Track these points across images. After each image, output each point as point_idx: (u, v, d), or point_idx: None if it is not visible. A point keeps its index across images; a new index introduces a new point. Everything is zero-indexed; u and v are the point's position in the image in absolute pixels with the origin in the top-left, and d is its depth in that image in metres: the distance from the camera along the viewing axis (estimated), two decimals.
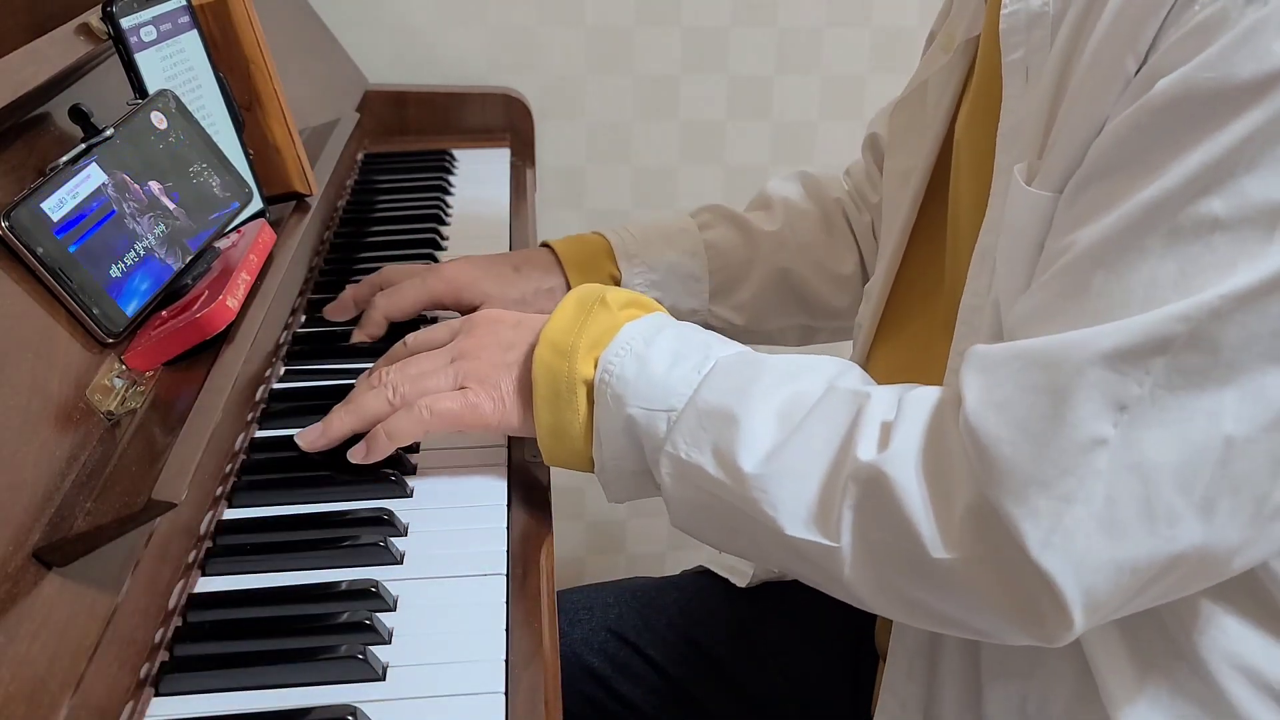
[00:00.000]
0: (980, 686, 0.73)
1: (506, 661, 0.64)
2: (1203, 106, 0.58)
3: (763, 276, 1.03)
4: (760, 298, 1.04)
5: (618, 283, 1.00)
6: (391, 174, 1.36)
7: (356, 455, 0.77)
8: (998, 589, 0.61)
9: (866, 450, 0.65)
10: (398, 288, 0.97)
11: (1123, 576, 0.59)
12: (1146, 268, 0.59)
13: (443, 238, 1.19)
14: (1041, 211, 0.66)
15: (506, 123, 1.51)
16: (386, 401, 0.76)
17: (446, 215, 1.26)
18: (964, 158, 0.79)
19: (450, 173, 1.38)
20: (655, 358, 0.73)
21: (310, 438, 0.78)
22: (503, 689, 0.62)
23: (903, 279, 0.89)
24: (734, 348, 0.75)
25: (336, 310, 0.99)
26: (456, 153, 1.43)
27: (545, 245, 1.03)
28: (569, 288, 0.98)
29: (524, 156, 1.46)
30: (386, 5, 1.53)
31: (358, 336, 0.96)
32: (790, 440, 0.68)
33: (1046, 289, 0.63)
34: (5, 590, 0.54)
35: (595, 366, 0.74)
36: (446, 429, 0.77)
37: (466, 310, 0.96)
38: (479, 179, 1.37)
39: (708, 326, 1.02)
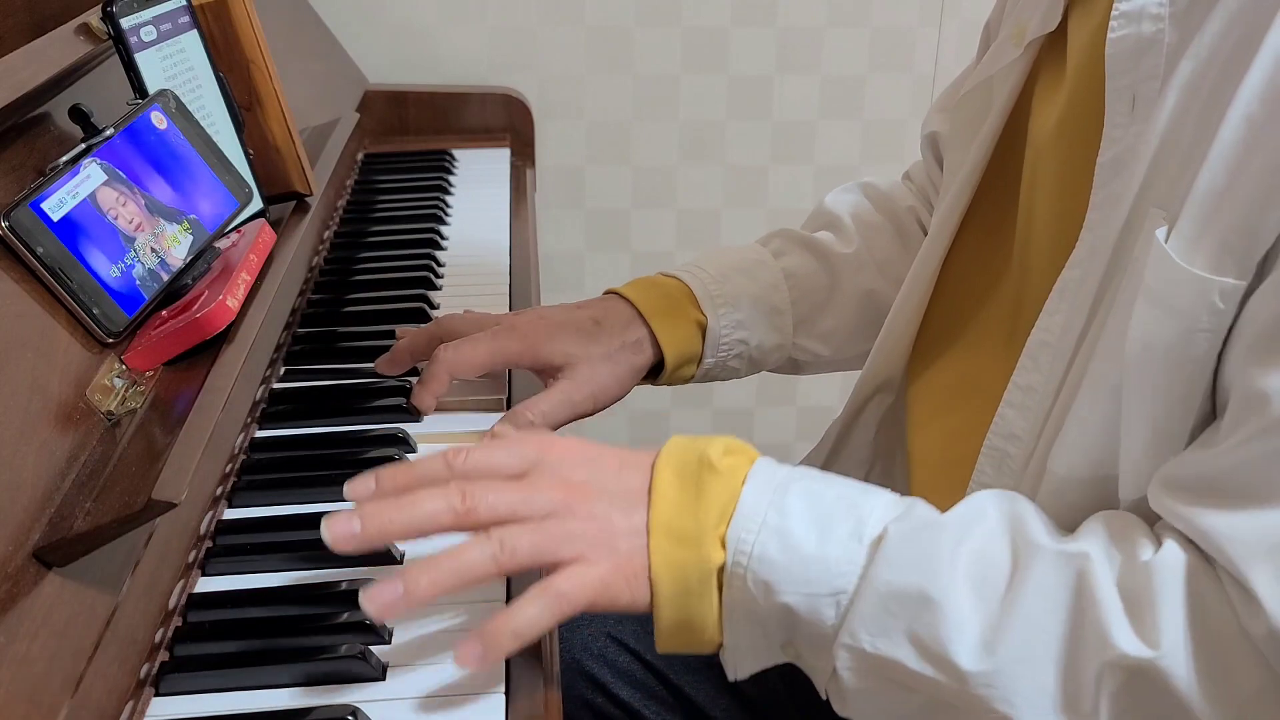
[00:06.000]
0: None
1: (507, 662, 0.64)
2: None
3: (846, 302, 0.97)
4: (845, 324, 0.98)
5: (704, 327, 0.92)
6: (391, 174, 1.36)
7: (469, 658, 0.61)
8: None
9: (1125, 638, 0.59)
10: (466, 340, 0.86)
11: None
12: None
13: (443, 238, 1.19)
14: (1199, 291, 0.59)
15: (506, 123, 1.51)
16: (493, 558, 0.62)
17: (446, 215, 1.26)
18: (1044, 169, 0.74)
19: (450, 173, 1.38)
20: (797, 529, 0.63)
21: (342, 533, 0.62)
22: (503, 689, 0.63)
23: (948, 278, 0.85)
24: (877, 495, 0.66)
25: (389, 364, 0.89)
26: (456, 153, 1.44)
27: (614, 293, 0.93)
28: (654, 338, 0.90)
29: (524, 156, 1.47)
30: (386, 5, 1.53)
31: (421, 399, 0.85)
32: (1007, 622, 0.60)
33: (1270, 439, 0.57)
34: (5, 590, 0.54)
35: (723, 547, 0.64)
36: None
37: (543, 370, 0.88)
38: (479, 179, 1.37)
39: (792, 360, 0.99)
